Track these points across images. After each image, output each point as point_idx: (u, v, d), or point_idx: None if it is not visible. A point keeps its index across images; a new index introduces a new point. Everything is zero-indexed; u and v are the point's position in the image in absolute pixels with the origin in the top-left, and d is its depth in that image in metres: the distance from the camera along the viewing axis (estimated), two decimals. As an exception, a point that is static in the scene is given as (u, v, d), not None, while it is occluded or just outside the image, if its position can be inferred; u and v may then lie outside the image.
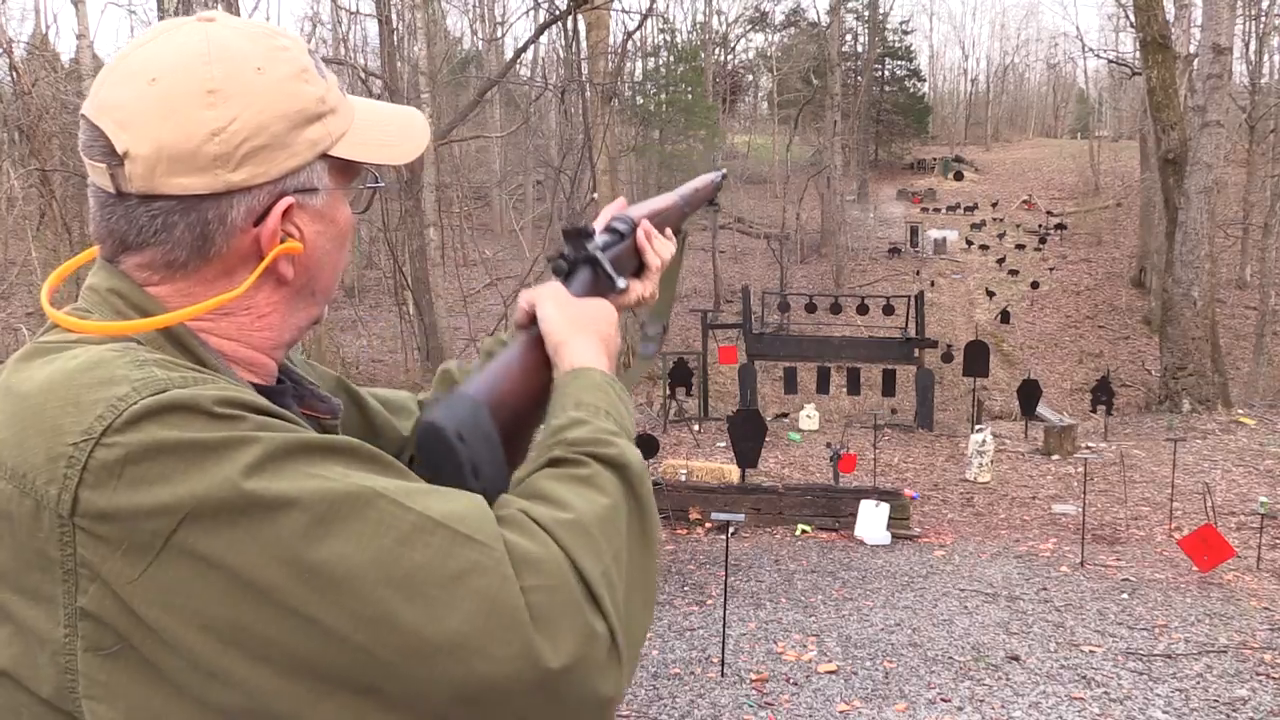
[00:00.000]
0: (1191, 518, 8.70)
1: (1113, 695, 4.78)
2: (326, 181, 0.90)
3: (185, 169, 0.81)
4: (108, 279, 0.86)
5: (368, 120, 0.94)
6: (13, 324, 20.12)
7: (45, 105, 18.90)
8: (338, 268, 0.95)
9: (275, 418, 0.77)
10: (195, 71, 0.82)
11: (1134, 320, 28.75)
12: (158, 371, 0.75)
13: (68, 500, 0.70)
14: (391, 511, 0.72)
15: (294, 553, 0.69)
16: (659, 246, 1.19)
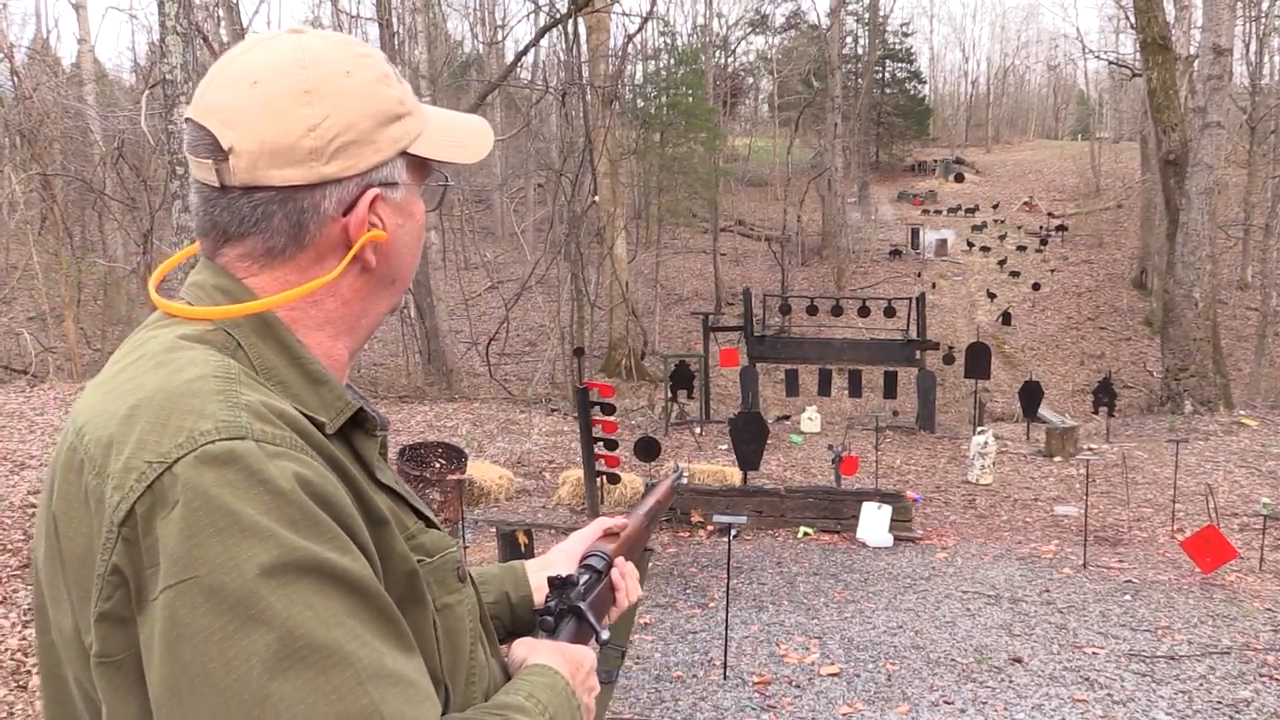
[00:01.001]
0: (1194, 519, 8.69)
1: (1115, 697, 4.78)
2: (405, 177, 0.98)
3: (284, 162, 0.89)
4: (211, 276, 0.94)
5: (440, 124, 1.02)
6: (14, 328, 20.13)
7: (46, 110, 18.93)
8: (415, 258, 1.02)
9: (335, 470, 0.85)
10: (292, 74, 0.91)
11: (1135, 321, 28.73)
12: (243, 416, 0.80)
13: (124, 510, 0.76)
14: (349, 686, 0.74)
15: (249, 670, 0.72)
16: (631, 586, 1.30)
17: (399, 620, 0.82)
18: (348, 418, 0.92)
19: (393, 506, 0.94)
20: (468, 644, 0.97)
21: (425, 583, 0.92)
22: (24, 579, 5.78)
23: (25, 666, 4.70)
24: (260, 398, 0.83)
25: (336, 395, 0.92)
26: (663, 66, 35.43)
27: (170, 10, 7.92)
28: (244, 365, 0.88)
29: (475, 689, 0.97)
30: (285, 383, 0.90)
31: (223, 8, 21.34)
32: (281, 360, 0.91)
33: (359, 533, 0.83)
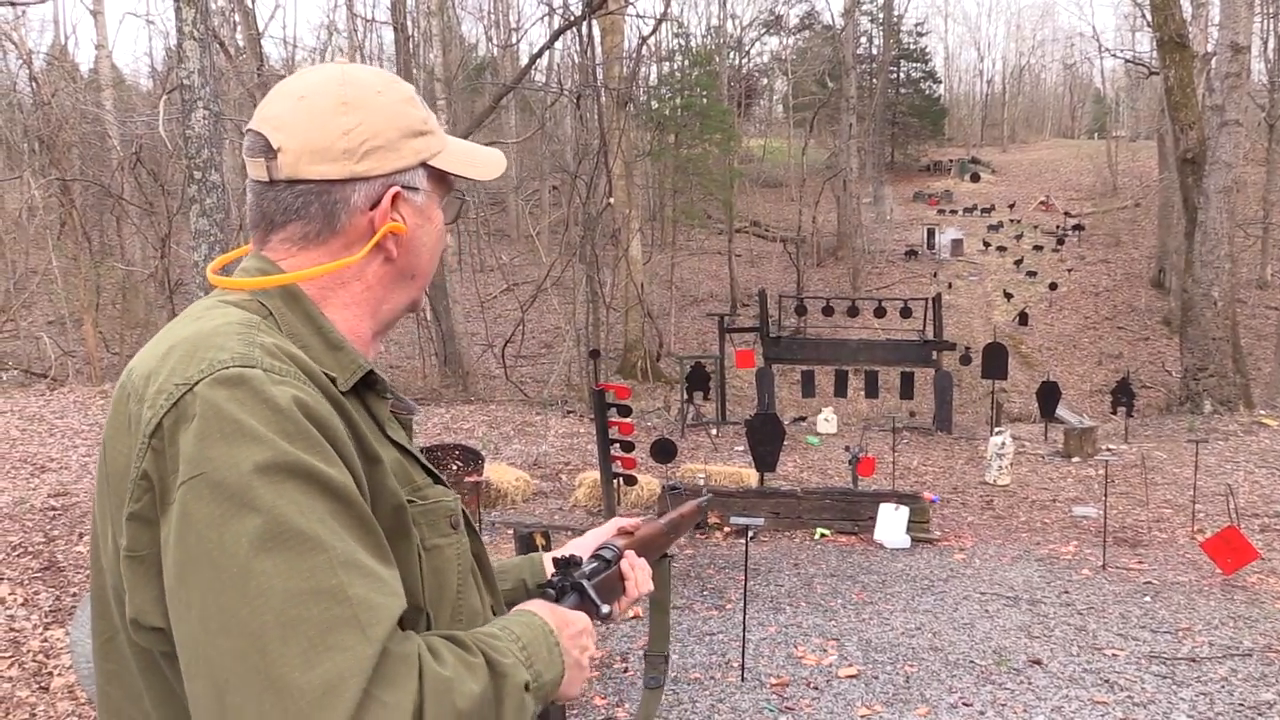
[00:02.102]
0: (1214, 520, 8.63)
1: (1136, 699, 4.74)
2: (426, 186, 1.16)
3: (321, 159, 1.08)
4: (255, 261, 1.12)
5: (459, 148, 1.21)
6: (35, 332, 20.28)
7: (65, 115, 19.07)
8: (433, 259, 1.19)
9: (341, 416, 0.97)
10: (332, 90, 1.11)
11: (1153, 321, 28.55)
12: (256, 351, 0.95)
13: (154, 424, 0.91)
14: (322, 568, 0.85)
15: (238, 549, 0.84)
16: (640, 578, 1.38)
17: (377, 532, 0.93)
18: (359, 379, 1.05)
19: (401, 461, 1.07)
20: (454, 584, 1.08)
21: (415, 521, 1.04)
22: (45, 581, 5.83)
23: (47, 668, 4.73)
24: (275, 341, 0.99)
25: (351, 359, 1.06)
26: (677, 68, 35.42)
27: (187, 16, 7.97)
28: (271, 327, 1.04)
29: (462, 627, 1.07)
30: (307, 346, 1.04)
31: (238, 13, 21.46)
32: (306, 329, 1.06)
33: (349, 456, 0.94)
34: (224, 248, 8.02)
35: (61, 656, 4.78)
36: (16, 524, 6.80)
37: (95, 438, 10.14)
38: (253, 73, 19.45)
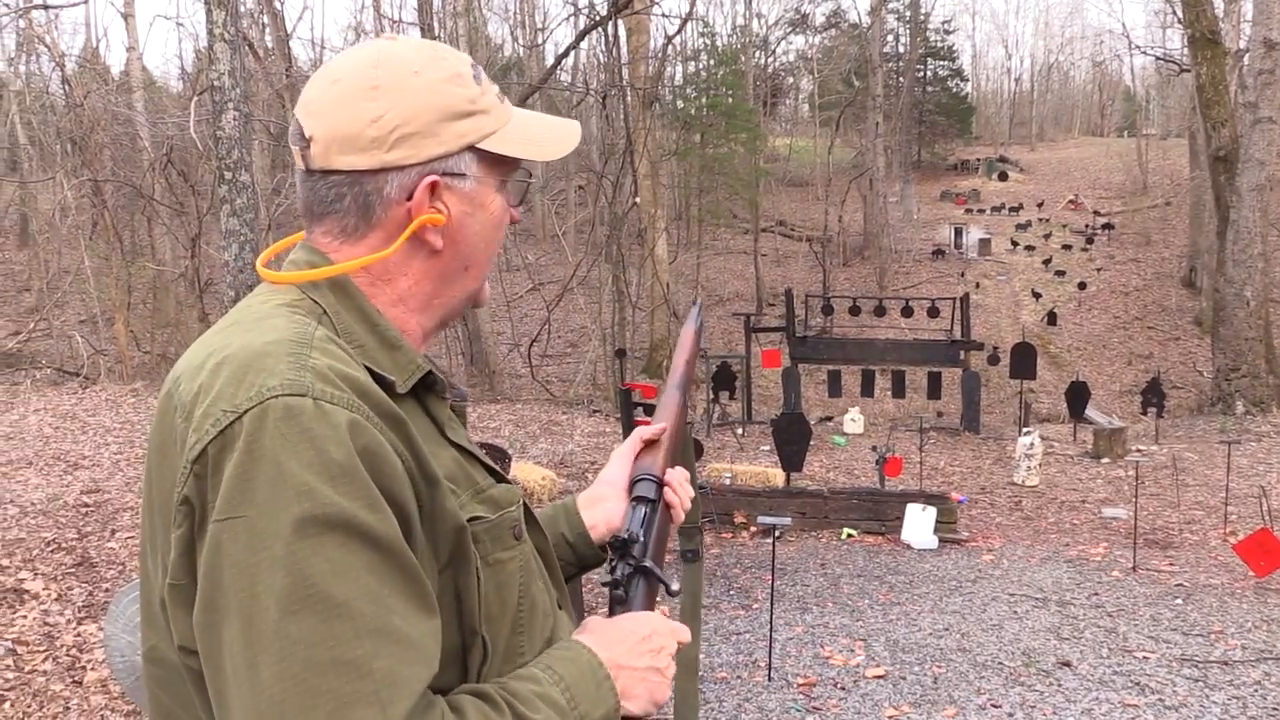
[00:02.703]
0: (1247, 522, 8.53)
1: (1167, 702, 4.70)
2: (476, 171, 1.07)
3: (350, 149, 1.01)
4: (303, 252, 1.07)
5: (521, 124, 1.11)
6: (67, 331, 20.53)
7: (97, 117, 19.29)
8: (489, 248, 1.11)
9: (398, 431, 0.93)
10: (364, 73, 1.03)
11: (1185, 321, 28.23)
12: (307, 377, 0.89)
13: (198, 450, 0.87)
14: (347, 637, 0.83)
15: (269, 605, 0.82)
16: (684, 495, 1.34)
17: (420, 581, 0.90)
18: (418, 379, 1.02)
19: (461, 461, 1.04)
20: (515, 598, 1.04)
21: (477, 539, 1.00)
22: (78, 576, 5.90)
23: (81, 662, 4.79)
24: (328, 362, 0.93)
25: (409, 359, 1.02)
26: (703, 67, 35.38)
27: (217, 18, 8.05)
28: (327, 329, 0.99)
29: (524, 637, 1.05)
30: (363, 346, 1.00)
31: (267, 15, 21.63)
32: (361, 327, 1.02)
33: (399, 490, 0.90)
34: (254, 247, 8.09)
35: (94, 651, 4.84)
36: (50, 520, 6.88)
37: (127, 435, 10.26)
38: (281, 74, 19.60)
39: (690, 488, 1.35)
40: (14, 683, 4.53)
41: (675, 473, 1.34)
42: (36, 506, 7.24)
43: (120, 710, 4.33)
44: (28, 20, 20.69)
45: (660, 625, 1.12)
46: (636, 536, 1.20)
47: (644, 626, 1.10)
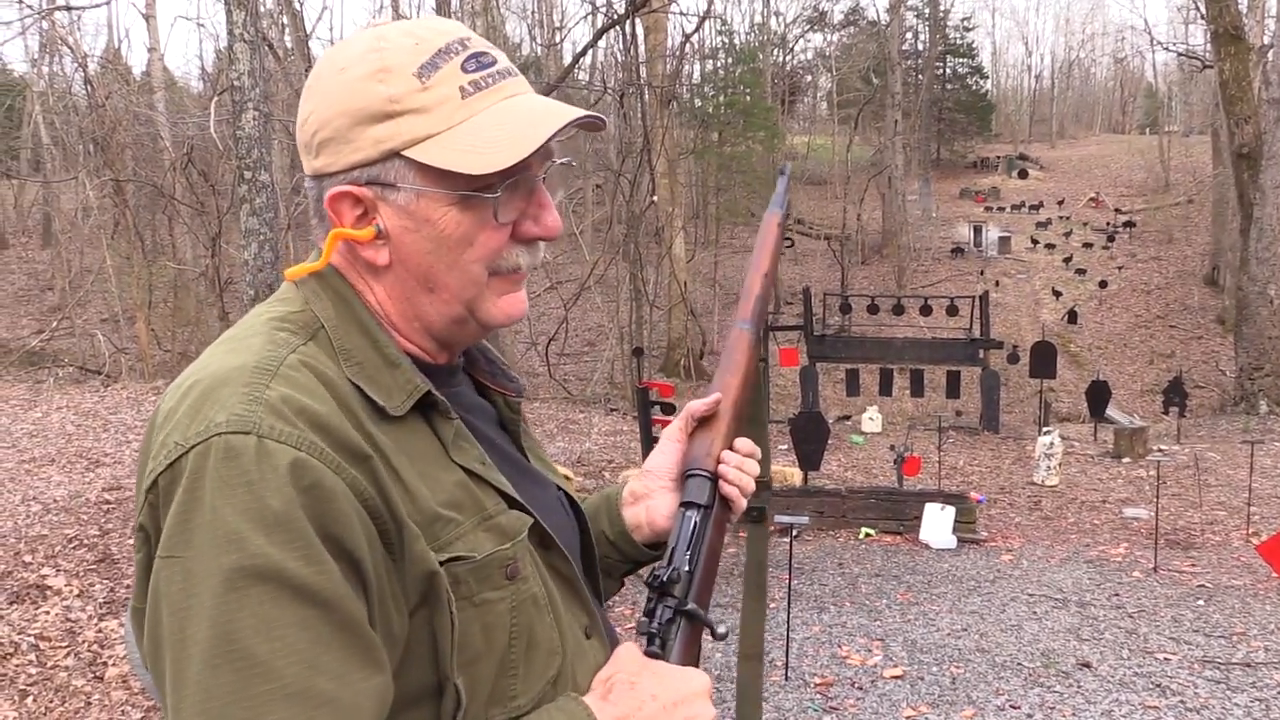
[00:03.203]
0: (1270, 522, 8.45)
1: (1189, 704, 4.66)
2: (413, 181, 0.94)
3: (302, 153, 0.99)
4: (314, 253, 1.02)
5: (479, 127, 0.94)
6: (89, 330, 20.71)
7: (118, 118, 19.43)
8: (452, 268, 0.97)
9: (368, 464, 0.88)
10: (315, 69, 0.99)
11: (1207, 320, 28.02)
12: (258, 411, 0.84)
13: (151, 479, 0.85)
14: (263, 700, 0.78)
15: (194, 654, 0.79)
16: (744, 480, 1.17)
17: (362, 635, 0.84)
18: (416, 400, 0.95)
19: (469, 485, 0.96)
20: (505, 639, 0.96)
21: (458, 579, 0.92)
22: (100, 573, 5.95)
23: (102, 658, 4.83)
24: (286, 392, 0.86)
25: (407, 379, 0.95)
26: (720, 66, 35.36)
27: (237, 18, 8.09)
28: (321, 345, 0.94)
29: (515, 680, 0.96)
30: (362, 364, 0.94)
31: (287, 15, 21.74)
32: (362, 341, 0.95)
33: (346, 535, 0.84)
34: (273, 246, 8.13)
35: (116, 647, 4.88)
36: (72, 517, 6.94)
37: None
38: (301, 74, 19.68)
39: (753, 463, 1.19)
40: (36, 678, 4.57)
41: (731, 456, 1.16)
42: (59, 503, 7.31)
43: (141, 705, 4.37)
44: (51, 21, 20.85)
45: (697, 686, 0.97)
46: (678, 574, 1.04)
47: (672, 690, 0.96)
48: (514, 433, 1.14)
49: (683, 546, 1.07)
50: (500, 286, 1.00)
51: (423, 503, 0.91)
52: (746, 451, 1.19)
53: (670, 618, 1.02)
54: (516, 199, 0.98)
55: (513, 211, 0.98)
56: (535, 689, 0.97)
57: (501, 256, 0.98)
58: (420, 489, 0.92)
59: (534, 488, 1.09)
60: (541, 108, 0.98)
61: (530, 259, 1.02)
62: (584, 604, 1.07)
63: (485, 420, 1.10)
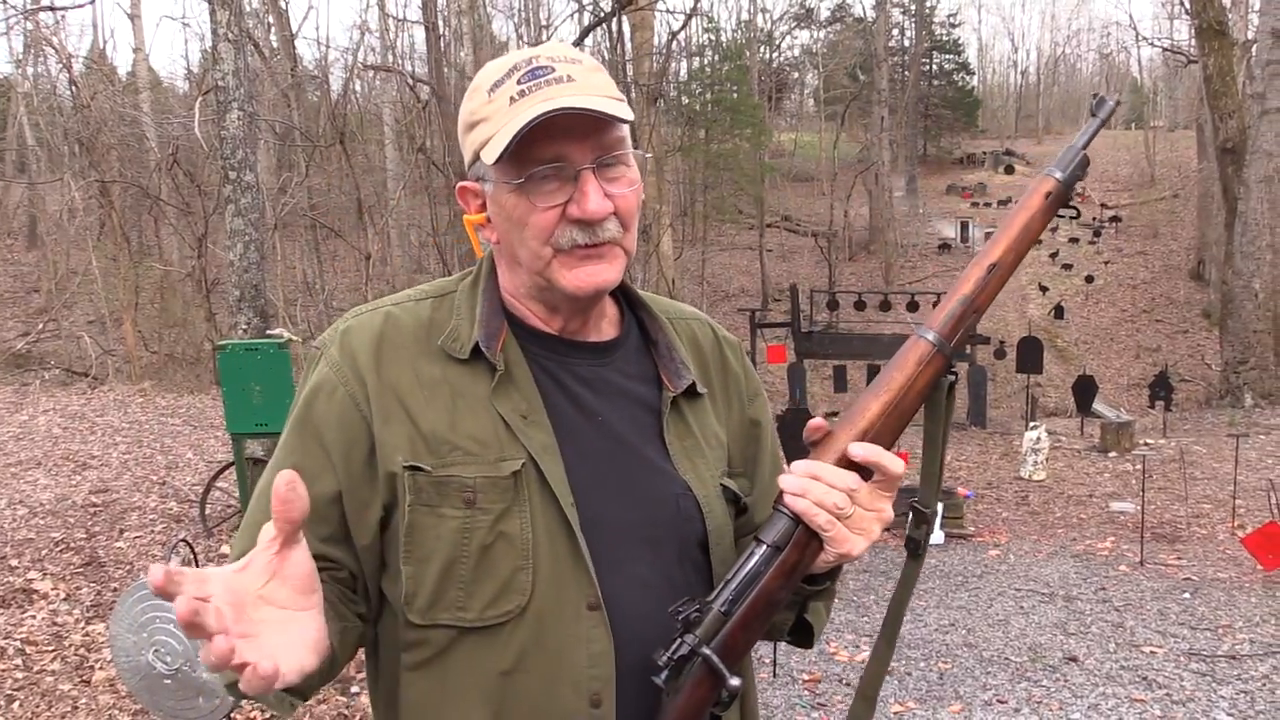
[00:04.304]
0: (1255, 515, 8.50)
1: (1175, 697, 4.69)
2: (491, 175, 1.16)
3: None
4: None
5: (513, 125, 1.10)
6: (75, 332, 20.60)
7: (104, 118, 19.34)
8: (521, 245, 1.17)
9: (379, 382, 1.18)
10: None
11: (1193, 314, 28.15)
12: (333, 331, 1.22)
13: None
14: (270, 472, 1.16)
15: None
16: (804, 498, 1.05)
17: (313, 442, 1.17)
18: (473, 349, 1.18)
19: (500, 430, 1.15)
20: (454, 552, 1.11)
21: (420, 488, 1.12)
22: (86, 576, 5.93)
23: (89, 662, 4.82)
24: (356, 324, 1.21)
25: (470, 334, 1.19)
26: (707, 63, 35.36)
27: (222, 18, 8.06)
28: (445, 305, 1.23)
29: (463, 592, 1.11)
30: (462, 321, 1.20)
31: (272, 14, 21.66)
32: (466, 304, 1.22)
33: (337, 422, 1.16)
34: (259, 247, 8.10)
35: (102, 650, 4.86)
36: (59, 520, 6.91)
37: (135, 435, 10.30)
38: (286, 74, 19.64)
39: (843, 475, 1.06)
40: (22, 682, 4.56)
41: (800, 466, 1.07)
42: (45, 506, 7.27)
43: (128, 710, 4.35)
44: (35, 22, 20.73)
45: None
46: (709, 611, 1.04)
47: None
48: (660, 420, 1.24)
49: (733, 585, 1.04)
50: (569, 261, 1.15)
51: (429, 425, 1.13)
52: (862, 458, 1.06)
53: (687, 655, 1.03)
54: (551, 185, 1.12)
55: (552, 196, 1.13)
56: (487, 612, 1.11)
57: (555, 235, 1.14)
58: (433, 415, 1.14)
59: (617, 467, 1.19)
60: (541, 103, 1.10)
61: (588, 236, 1.14)
62: (585, 576, 1.12)
63: (624, 399, 1.24)
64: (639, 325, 1.31)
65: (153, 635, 3.27)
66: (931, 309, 1.10)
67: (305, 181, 20.41)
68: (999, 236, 1.17)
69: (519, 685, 1.11)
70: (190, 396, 13.32)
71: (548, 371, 1.21)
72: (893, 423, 1.10)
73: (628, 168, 1.16)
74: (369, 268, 17.75)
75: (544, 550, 1.12)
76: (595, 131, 1.12)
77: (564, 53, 1.16)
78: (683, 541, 1.20)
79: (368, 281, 17.43)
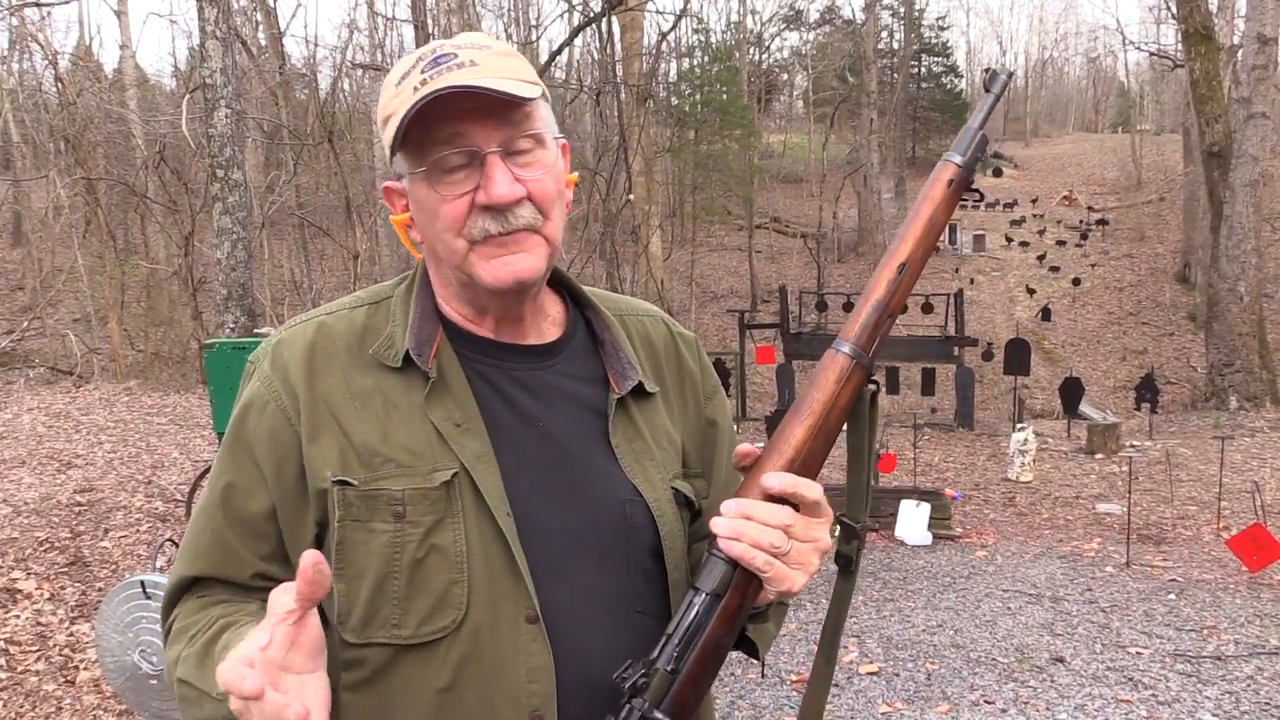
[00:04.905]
0: (1240, 517, 8.54)
1: (1160, 698, 4.71)
2: (404, 168, 1.13)
3: None
4: None
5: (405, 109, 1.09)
6: (60, 330, 20.48)
7: (90, 115, 19.24)
8: (440, 238, 1.13)
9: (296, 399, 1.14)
10: None
11: (1178, 316, 28.29)
12: (266, 345, 1.19)
13: None
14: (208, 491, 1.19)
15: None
16: (738, 541, 1.01)
17: (240, 455, 1.16)
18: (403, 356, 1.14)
19: (435, 439, 1.11)
20: (384, 568, 1.08)
21: (350, 503, 1.09)
22: (71, 576, 5.89)
23: (73, 662, 4.79)
24: (288, 336, 1.18)
25: (403, 342, 1.14)
26: (697, 64, 35.38)
27: (209, 15, 8.03)
28: (379, 312, 1.20)
29: (397, 609, 1.08)
30: (397, 327, 1.16)
31: (260, 12, 21.59)
32: (400, 310, 1.18)
33: (250, 432, 1.15)
34: (246, 245, 8.08)
35: (87, 651, 4.83)
36: (43, 519, 6.87)
37: (120, 434, 10.24)
38: (274, 71, 19.58)
39: (775, 511, 1.03)
40: (6, 683, 4.52)
41: (730, 506, 1.03)
42: (29, 506, 7.22)
43: (112, 710, 4.33)
44: (20, 18, 20.61)
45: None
46: (652, 670, 1.00)
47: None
48: (606, 422, 1.20)
49: (675, 639, 1.00)
50: (485, 252, 1.11)
51: (361, 437, 1.10)
52: (779, 490, 1.03)
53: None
54: (457, 174, 1.09)
55: (459, 185, 1.09)
56: (423, 628, 1.08)
57: (467, 225, 1.10)
58: (365, 427, 1.11)
59: (559, 474, 1.15)
60: (435, 88, 1.06)
61: (500, 224, 1.10)
62: (523, 588, 1.08)
63: (567, 403, 1.19)
64: (586, 324, 1.27)
65: (138, 635, 3.24)
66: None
67: (293, 180, 20.35)
68: (905, 233, 1.12)
69: (457, 702, 1.07)
70: (176, 395, 13.25)
71: (484, 377, 1.16)
72: (819, 445, 1.07)
73: (542, 150, 1.12)
74: (357, 266, 17.70)
75: (478, 562, 1.08)
76: (499, 113, 1.08)
77: (472, 40, 1.13)
78: (631, 549, 1.15)
79: (356, 280, 17.39)
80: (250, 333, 6.92)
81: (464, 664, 1.07)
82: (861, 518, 1.14)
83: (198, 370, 14.84)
